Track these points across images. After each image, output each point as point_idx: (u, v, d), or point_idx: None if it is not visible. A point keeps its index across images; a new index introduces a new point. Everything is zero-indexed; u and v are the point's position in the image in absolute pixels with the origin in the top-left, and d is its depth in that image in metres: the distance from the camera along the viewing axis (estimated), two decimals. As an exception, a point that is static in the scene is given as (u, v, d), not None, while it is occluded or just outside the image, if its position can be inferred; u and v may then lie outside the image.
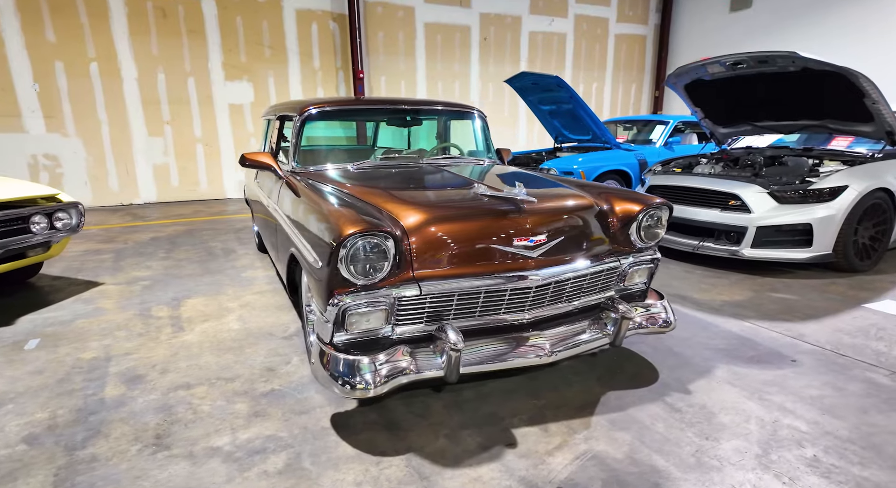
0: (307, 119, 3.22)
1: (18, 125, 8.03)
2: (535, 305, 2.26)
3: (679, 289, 3.76)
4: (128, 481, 1.73)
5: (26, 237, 3.43)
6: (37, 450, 1.90)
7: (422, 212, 2.12)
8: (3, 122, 7.95)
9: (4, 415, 2.14)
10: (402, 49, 10.40)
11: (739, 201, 4.09)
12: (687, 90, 5.23)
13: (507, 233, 2.13)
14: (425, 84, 10.84)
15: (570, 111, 6.88)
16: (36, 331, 3.07)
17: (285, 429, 2.04)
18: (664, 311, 2.54)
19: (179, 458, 1.85)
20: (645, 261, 2.52)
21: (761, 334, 2.94)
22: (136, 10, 8.26)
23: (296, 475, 1.77)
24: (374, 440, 1.98)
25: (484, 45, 11.34)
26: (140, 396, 2.30)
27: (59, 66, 8.06)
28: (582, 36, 12.55)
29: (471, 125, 3.86)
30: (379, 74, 10.29)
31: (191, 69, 8.77)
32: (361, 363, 1.94)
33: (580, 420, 2.11)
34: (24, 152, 8.14)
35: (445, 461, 1.85)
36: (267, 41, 9.21)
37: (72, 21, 7.95)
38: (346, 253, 1.86)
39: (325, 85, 9.84)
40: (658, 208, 2.49)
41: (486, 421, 2.11)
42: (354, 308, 1.94)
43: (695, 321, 3.14)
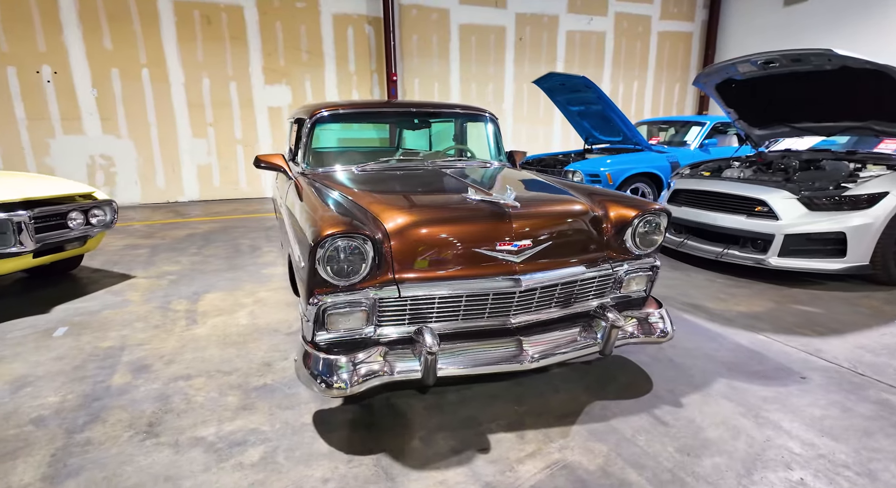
0: (316, 122, 3.31)
1: (78, 127, 8.64)
2: (521, 310, 2.24)
3: (694, 298, 3.61)
4: (114, 465, 1.84)
5: (64, 232, 3.70)
6: (41, 431, 2.05)
7: (404, 215, 2.14)
8: (66, 125, 8.58)
9: (21, 397, 2.33)
10: (436, 51, 10.47)
11: (766, 207, 3.88)
12: (719, 90, 5.02)
13: (490, 237, 2.12)
14: (459, 86, 10.87)
15: (599, 112, 6.73)
16: (66, 320, 3.31)
17: (268, 423, 2.12)
18: (662, 321, 2.46)
19: (165, 446, 1.96)
20: (643, 268, 2.45)
21: (773, 348, 2.79)
22: (183, 17, 8.71)
23: (268, 468, 1.83)
24: (350, 438, 2.02)
25: (519, 45, 11.25)
26: (143, 385, 2.44)
27: (115, 72, 8.61)
28: (622, 34, 12.23)
29: (481, 128, 3.86)
30: (412, 77, 10.40)
31: (233, 73, 9.17)
32: (339, 362, 1.98)
33: (559, 428, 2.08)
34: (83, 152, 8.75)
35: (414, 463, 1.87)
36: (305, 45, 9.50)
37: (126, 29, 8.48)
38: (324, 253, 1.91)
39: (360, 88, 10.05)
40: (655, 214, 2.42)
41: (463, 425, 2.11)
42: (333, 308, 1.99)
43: (703, 332, 3.02)
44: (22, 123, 8.37)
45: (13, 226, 3.27)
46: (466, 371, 2.08)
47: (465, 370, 2.08)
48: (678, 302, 3.53)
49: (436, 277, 2.08)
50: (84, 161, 8.77)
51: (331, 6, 9.49)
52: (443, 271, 2.10)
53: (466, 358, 2.11)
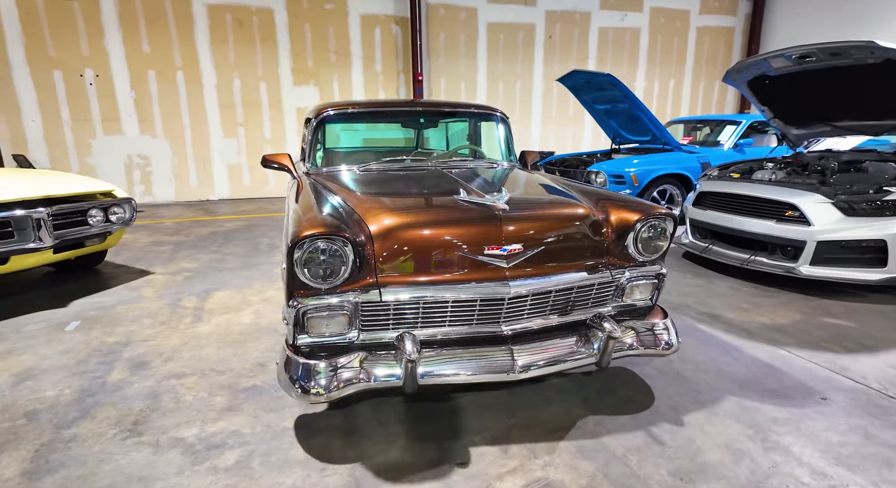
0: (321, 122, 3.30)
1: (118, 128, 9.01)
2: (513, 318, 2.14)
3: (713, 307, 3.40)
4: (92, 463, 1.86)
5: (83, 229, 3.82)
6: (32, 426, 2.10)
7: (389, 217, 2.07)
8: (106, 126, 8.96)
9: (22, 390, 2.39)
10: (463, 50, 10.39)
11: (797, 212, 3.62)
12: (752, 87, 4.74)
13: (477, 240, 2.03)
14: (486, 85, 10.75)
15: (626, 111, 6.50)
16: (80, 314, 3.41)
17: (250, 426, 2.09)
18: (666, 332, 2.31)
19: (145, 446, 1.96)
20: (647, 276, 2.31)
21: (793, 364, 2.58)
22: (216, 20, 8.95)
23: (241, 473, 1.80)
24: (329, 445, 1.97)
25: (549, 43, 11.03)
26: (137, 382, 2.47)
27: (152, 75, 8.93)
28: (658, 30, 11.82)
29: (491, 127, 3.76)
30: (439, 76, 10.35)
31: (262, 74, 9.35)
32: (318, 367, 1.93)
33: (546, 444, 1.97)
34: (121, 152, 9.12)
35: (389, 474, 1.80)
36: (333, 46, 9.60)
37: (162, 32, 8.78)
38: (301, 255, 1.86)
39: (387, 88, 10.08)
40: (660, 219, 2.27)
41: (447, 436, 2.03)
42: (314, 311, 1.94)
43: (718, 344, 2.83)
44: (67, 124, 8.79)
45: (32, 223, 3.40)
46: (450, 380, 2.00)
47: (448, 379, 2.00)
48: (695, 311, 3.34)
49: (420, 282, 2.01)
50: (122, 160, 9.13)
51: (358, 7, 9.56)
52: (428, 275, 2.02)
53: (451, 366, 2.02)
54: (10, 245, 3.36)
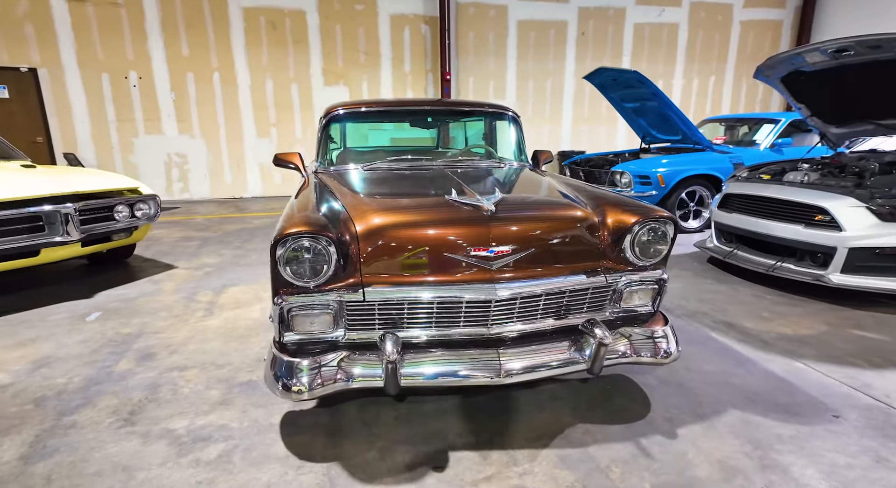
0: (329, 121, 3.34)
1: (158, 128, 9.41)
2: (501, 321, 2.08)
3: (732, 316, 3.23)
4: (84, 450, 1.93)
5: (110, 224, 4.01)
6: (38, 411, 2.20)
7: (376, 217, 2.06)
8: (148, 125, 9.37)
9: (35, 376, 2.52)
10: (493, 49, 10.31)
11: (828, 216, 3.40)
12: (787, 84, 4.48)
13: (463, 242, 2.00)
14: (515, 84, 10.63)
15: (656, 109, 6.29)
16: (103, 305, 3.57)
17: (238, 421, 2.13)
18: (664, 340, 2.20)
19: (136, 436, 2.03)
20: (647, 281, 2.21)
21: (810, 378, 2.42)
22: (251, 23, 9.21)
23: (220, 467, 1.84)
24: (310, 443, 1.98)
25: (582, 40, 10.81)
26: (141, 373, 2.56)
27: (190, 77, 9.28)
28: (698, 25, 11.39)
29: (503, 126, 3.71)
30: (467, 75, 10.31)
31: (294, 76, 9.56)
32: (300, 365, 1.94)
33: (528, 451, 1.92)
34: (161, 151, 9.52)
35: (363, 475, 1.79)
36: (362, 47, 9.71)
37: (200, 35, 9.10)
38: (284, 253, 1.88)
39: (415, 87, 10.11)
40: (659, 221, 2.17)
41: (428, 439, 2.00)
42: (298, 309, 1.95)
43: (730, 354, 2.68)
44: (112, 125, 9.25)
45: (61, 218, 3.58)
46: (433, 383, 1.97)
47: (431, 381, 1.97)
48: (711, 319, 3.18)
49: (405, 282, 1.99)
50: (162, 159, 9.53)
51: (388, 7, 9.63)
52: (413, 276, 2.00)
53: (435, 368, 2.00)
54: (41, 238, 3.55)
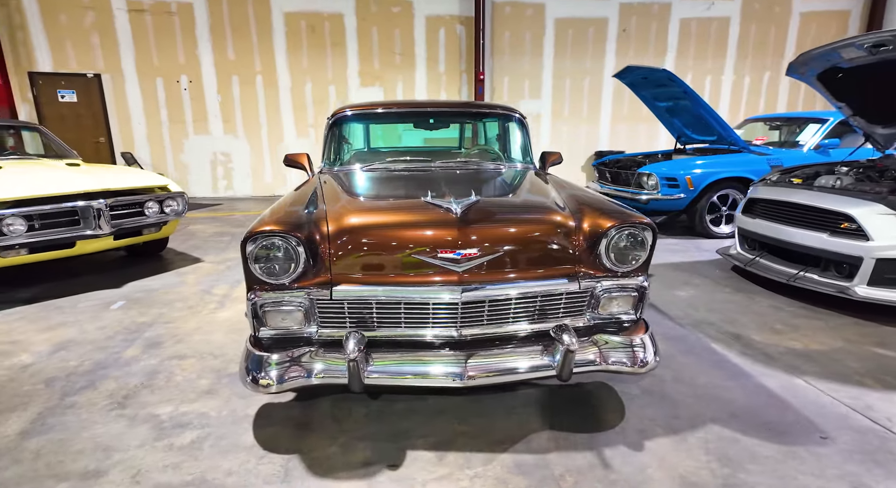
0: (335, 122, 3.43)
1: (205, 128, 9.93)
2: (470, 323, 2.08)
3: (741, 326, 3.07)
4: (76, 429, 2.09)
5: (140, 219, 4.29)
6: (47, 391, 2.41)
7: (348, 217, 2.12)
8: (196, 126, 9.91)
9: (53, 358, 2.75)
10: (529, 48, 10.19)
11: (854, 224, 3.17)
12: (824, 81, 4.20)
13: (431, 244, 2.01)
14: (551, 83, 10.46)
15: (689, 108, 6.03)
16: (128, 295, 3.83)
17: (217, 410, 2.24)
18: (642, 349, 2.13)
19: (124, 418, 2.18)
20: (626, 288, 2.15)
21: (807, 396, 2.27)
22: (292, 27, 9.55)
23: (190, 453, 1.94)
24: (278, 435, 2.06)
25: (623, 37, 10.50)
26: (145, 360, 2.73)
27: (235, 79, 9.74)
28: (752, 19, 10.80)
29: (506, 128, 3.69)
30: (502, 75, 10.25)
31: (332, 77, 9.84)
32: (268, 359, 2.01)
33: (486, 455, 1.91)
34: (208, 150, 10.05)
35: (319, 469, 1.85)
36: (398, 48, 9.85)
37: (245, 40, 9.53)
38: (253, 250, 1.96)
39: (449, 88, 10.15)
40: (636, 227, 2.11)
41: (391, 437, 2.03)
42: (269, 305, 2.03)
43: (727, 367, 2.55)
44: (165, 126, 9.85)
45: (93, 213, 3.87)
46: (397, 382, 2.00)
47: (395, 381, 2.00)
48: (716, 329, 3.04)
49: (374, 282, 2.03)
50: (209, 158, 10.05)
51: (424, 8, 9.72)
52: (381, 276, 2.04)
53: (400, 368, 2.02)
54: (76, 231, 3.86)
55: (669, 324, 3.13)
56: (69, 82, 9.54)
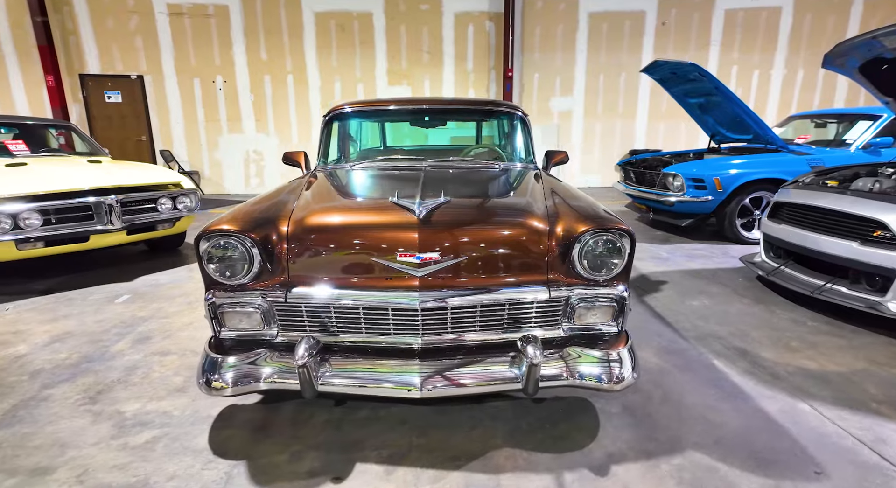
0: (330, 120, 3.39)
1: (239, 127, 10.21)
2: (432, 331, 1.98)
3: (750, 342, 2.81)
4: (42, 423, 2.13)
5: (153, 215, 4.41)
6: (29, 383, 2.47)
7: (307, 217, 2.05)
8: (230, 125, 10.20)
9: (44, 351, 2.83)
10: (560, 43, 9.90)
11: (888, 232, 2.84)
12: (867, 74, 3.81)
13: (390, 246, 1.92)
14: (584, 79, 10.13)
15: (722, 105, 5.67)
16: (135, 289, 3.93)
17: (182, 409, 2.23)
18: (618, 364, 1.96)
19: (90, 414, 2.20)
20: (603, 298, 1.99)
21: (808, 424, 2.02)
22: (322, 27, 9.66)
23: (141, 454, 1.92)
24: (231, 439, 2.02)
25: (662, 30, 10.04)
26: (129, 355, 2.77)
27: (267, 79, 9.95)
28: (806, 8, 10.10)
29: (507, 126, 3.54)
30: (532, 72, 10.00)
31: (360, 76, 9.89)
32: (225, 362, 1.97)
33: (437, 472, 1.79)
34: (241, 148, 10.32)
35: (263, 477, 1.79)
36: (426, 47, 9.79)
37: (277, 41, 9.72)
38: (206, 249, 1.93)
39: (477, 85, 10.01)
40: (612, 233, 1.94)
41: (344, 448, 1.95)
42: (226, 306, 1.99)
43: (725, 387, 2.32)
44: (201, 124, 10.19)
45: (105, 208, 4.00)
46: (351, 390, 1.91)
47: (347, 389, 1.92)
48: (723, 344, 2.79)
49: (331, 284, 1.96)
50: (242, 156, 10.33)
51: (453, 5, 9.61)
52: (340, 279, 1.96)
53: (356, 376, 1.94)
54: (89, 226, 3.99)
55: (671, 337, 2.91)
56: (115, 83, 10.02)
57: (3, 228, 3.65)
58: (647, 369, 2.52)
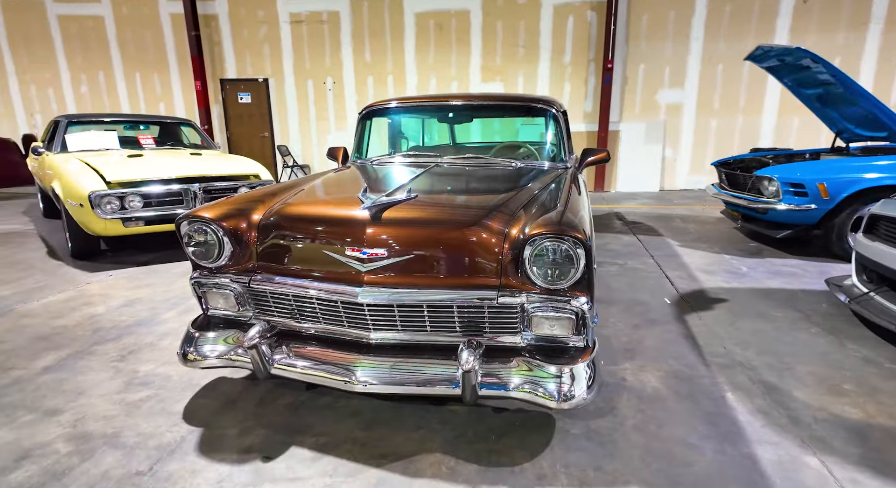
0: (364, 117, 3.53)
1: (344, 125, 10.96)
2: (382, 327, 1.99)
3: (788, 378, 2.35)
4: (77, 371, 2.54)
5: (233, 204, 4.96)
6: (89, 337, 2.95)
7: (277, 210, 2.17)
8: (337, 123, 11.00)
9: (114, 313, 3.35)
10: (672, 31, 9.04)
11: None
12: None
13: (341, 241, 1.97)
14: (698, 69, 9.15)
15: (845, 97, 4.77)
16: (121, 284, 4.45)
17: (181, 375, 2.49)
18: (570, 381, 1.80)
19: (113, 370, 2.56)
20: (559, 308, 1.84)
21: (804, 484, 1.65)
22: (421, 27, 9.96)
23: (128, 410, 2.20)
24: (203, 408, 2.20)
25: (802, 10, 8.70)
26: (171, 323, 3.17)
27: (370, 80, 10.55)
28: None
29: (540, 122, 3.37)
30: (637, 63, 9.28)
31: (455, 73, 10.02)
32: (200, 337, 2.18)
33: (357, 467, 1.80)
34: (347, 144, 11.07)
35: (207, 446, 1.93)
36: (521, 41, 9.60)
37: (380, 43, 10.25)
38: (185, 232, 2.13)
39: (573, 79, 9.57)
40: (562, 240, 1.77)
41: (290, 430, 2.04)
42: (204, 286, 2.19)
43: (722, 424, 1.98)
44: (313, 122, 11.13)
45: (190, 194, 4.60)
46: (295, 374, 2.01)
47: (295, 373, 2.01)
48: (752, 375, 2.37)
49: (288, 274, 2.06)
50: (346, 151, 11.06)
51: (552, -3, 9.29)
52: (297, 270, 2.06)
53: (303, 362, 2.03)
54: (179, 209, 4.62)
55: (691, 361, 2.55)
56: (246, 86, 11.36)
57: (114, 208, 4.38)
58: (639, 393, 2.25)
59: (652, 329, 2.97)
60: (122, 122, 6.55)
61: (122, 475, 1.77)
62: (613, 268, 4.30)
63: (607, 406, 2.16)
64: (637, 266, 4.34)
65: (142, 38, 10.95)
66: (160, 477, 1.76)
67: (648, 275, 4.08)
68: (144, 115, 6.86)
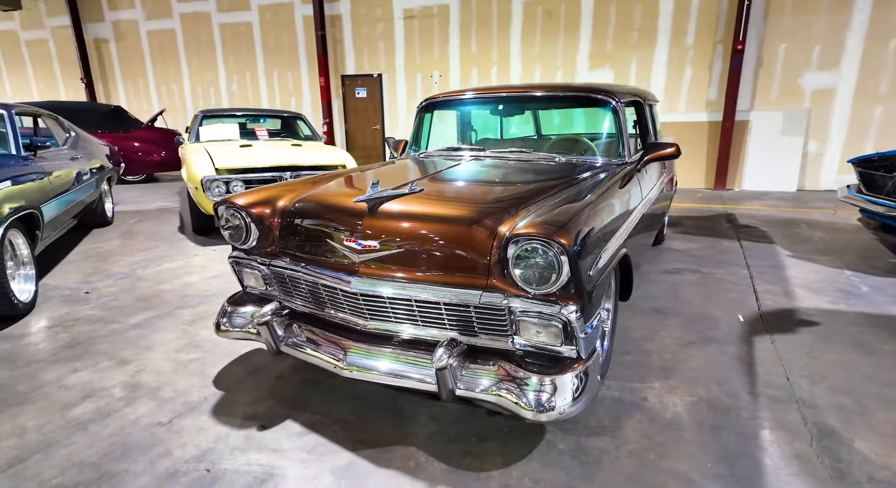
0: (421, 110, 3.59)
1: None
2: (376, 317, 2.06)
3: (855, 423, 1.91)
4: (154, 330, 2.97)
5: (321, 191, 5.37)
6: (176, 302, 3.42)
7: (294, 198, 2.33)
8: (445, 114, 11.23)
9: (203, 283, 3.84)
10: (826, 2, 7.67)
11: None
12: None
13: (341, 231, 2.06)
14: (860, 47, 7.71)
15: None
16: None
17: (231, 343, 2.79)
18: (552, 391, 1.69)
19: (181, 332, 2.95)
20: (544, 315, 1.74)
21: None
22: (529, 15, 9.72)
23: (177, 369, 2.53)
24: (231, 375, 2.46)
25: None
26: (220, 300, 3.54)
27: (475, 72, 10.59)
28: None
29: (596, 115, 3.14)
30: (777, 42, 8.07)
31: (560, 62, 9.63)
32: (231, 310, 2.42)
33: (333, 447, 1.89)
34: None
35: (219, 410, 2.15)
36: (636, 24, 8.88)
37: (486, 33, 10.21)
38: (222, 216, 2.37)
39: (696, 63, 8.61)
40: (544, 243, 1.66)
41: (292, 405, 2.18)
42: (237, 265, 2.43)
43: (740, 467, 1.69)
44: (422, 114, 11.49)
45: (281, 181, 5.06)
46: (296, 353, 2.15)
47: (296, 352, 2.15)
48: (807, 415, 1.97)
49: (300, 259, 2.21)
50: (451, 142, 11.27)
51: (676, -27, 8.43)
52: (307, 256, 2.19)
53: (304, 343, 2.17)
54: (272, 196, 5.12)
55: (736, 388, 2.20)
56: (363, 81, 12.10)
57: (220, 191, 4.99)
58: (654, 416, 2.01)
59: (705, 348, 2.62)
60: (248, 116, 7.39)
61: (148, 423, 2.06)
62: (693, 276, 3.85)
63: (612, 424, 1.97)
64: (724, 276, 3.83)
65: (279, 40, 12.19)
66: (173, 430, 2.01)
67: (733, 287, 3.58)
68: (265, 110, 7.68)
